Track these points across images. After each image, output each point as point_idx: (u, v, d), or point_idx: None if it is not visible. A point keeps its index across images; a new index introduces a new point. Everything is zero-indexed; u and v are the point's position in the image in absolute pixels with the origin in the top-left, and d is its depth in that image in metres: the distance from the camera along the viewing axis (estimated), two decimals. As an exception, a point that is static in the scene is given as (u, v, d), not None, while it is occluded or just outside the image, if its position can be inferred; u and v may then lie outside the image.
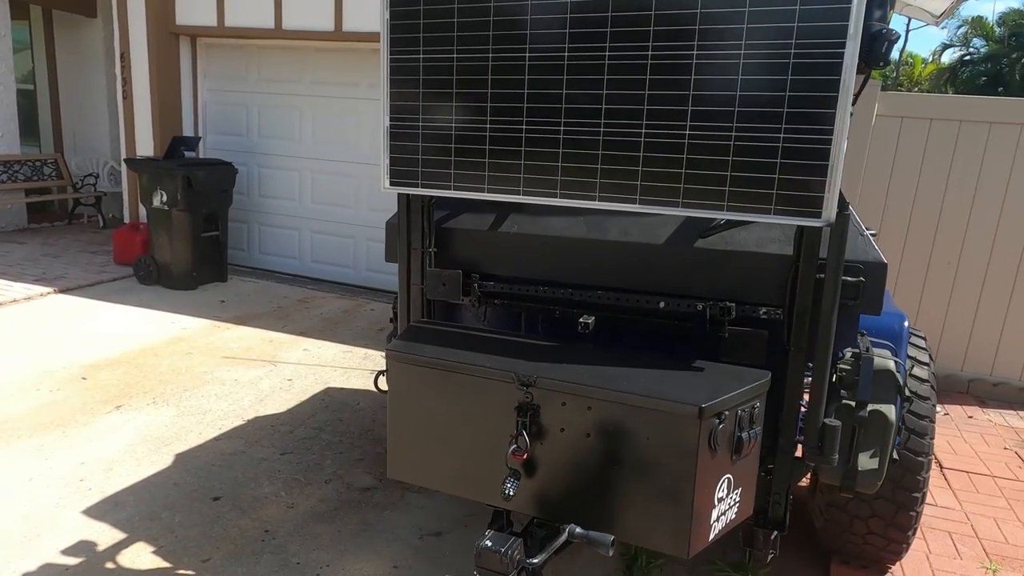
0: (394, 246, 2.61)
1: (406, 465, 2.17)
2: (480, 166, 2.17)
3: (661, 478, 1.79)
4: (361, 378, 5.17)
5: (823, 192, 1.79)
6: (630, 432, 1.80)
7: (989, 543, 3.42)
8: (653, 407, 1.78)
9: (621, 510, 1.84)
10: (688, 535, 1.76)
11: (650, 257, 2.23)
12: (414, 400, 2.11)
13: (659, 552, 3.18)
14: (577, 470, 1.88)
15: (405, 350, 2.13)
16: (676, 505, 1.77)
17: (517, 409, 1.89)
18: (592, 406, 1.84)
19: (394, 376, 2.14)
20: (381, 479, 3.78)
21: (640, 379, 1.88)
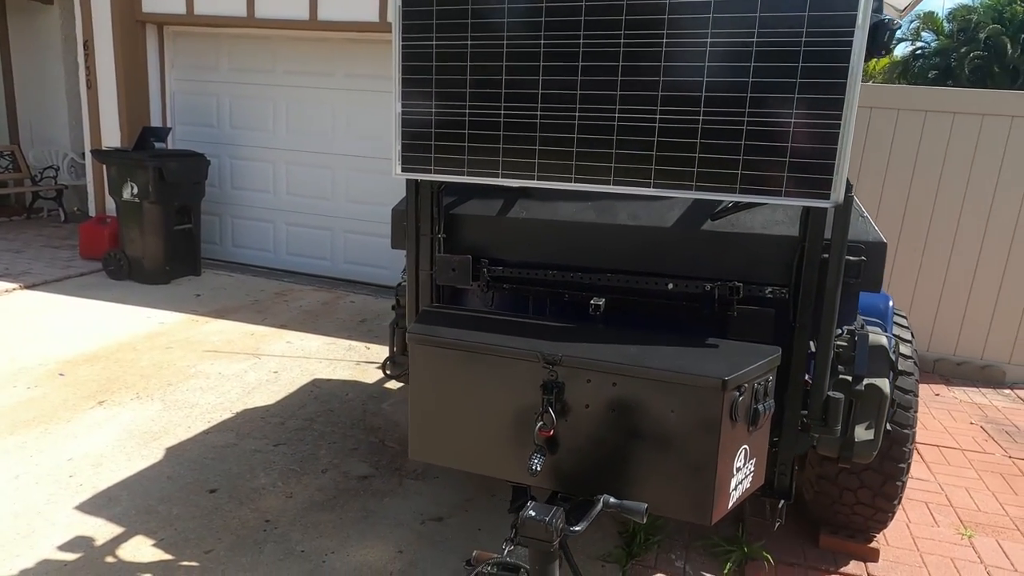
0: (401, 233, 2.63)
1: (429, 446, 2.20)
2: (494, 151, 2.20)
3: (685, 449, 1.86)
4: (347, 369, 5.16)
5: (832, 175, 1.88)
6: (654, 406, 1.87)
7: (963, 511, 3.61)
8: (678, 381, 1.85)
9: (644, 481, 1.91)
10: (711, 503, 1.85)
11: (659, 240, 2.30)
12: (437, 381, 2.14)
13: (657, 529, 3.28)
14: (601, 444, 1.94)
15: (427, 333, 2.16)
16: (699, 474, 1.85)
17: (542, 387, 1.95)
18: (617, 382, 1.90)
19: (417, 359, 2.17)
20: (378, 467, 3.80)
21: (661, 355, 1.95)
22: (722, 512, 1.90)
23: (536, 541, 1.63)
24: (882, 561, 3.12)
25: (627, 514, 1.66)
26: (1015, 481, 3.96)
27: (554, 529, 1.59)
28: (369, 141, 7.09)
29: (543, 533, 1.60)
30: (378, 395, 4.75)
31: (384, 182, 7.08)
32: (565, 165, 2.13)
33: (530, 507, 1.66)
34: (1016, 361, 5.57)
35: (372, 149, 7.09)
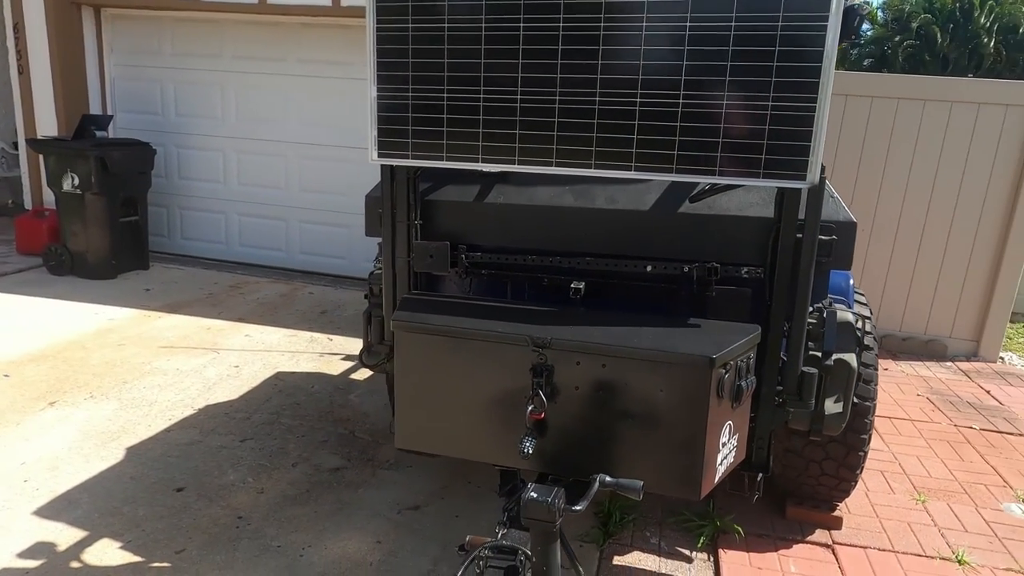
0: (376, 220, 2.59)
1: (416, 433, 2.19)
2: (473, 136, 2.19)
3: (674, 426, 1.91)
4: (311, 361, 5.07)
5: (808, 156, 1.94)
6: (643, 385, 1.91)
7: (916, 478, 3.80)
8: (667, 360, 1.89)
9: (634, 460, 1.95)
10: (700, 478, 1.90)
11: (637, 223, 2.33)
12: (424, 368, 2.12)
13: (631, 508, 3.34)
14: (591, 425, 1.97)
15: (413, 320, 2.13)
16: (689, 450, 1.90)
17: (532, 371, 1.96)
18: (607, 363, 1.92)
19: (403, 346, 2.15)
20: (349, 459, 3.76)
21: (648, 336, 1.98)
22: (710, 486, 1.96)
23: (539, 522, 1.64)
24: (845, 528, 3.26)
25: (623, 492, 1.69)
26: (961, 448, 4.18)
27: (556, 509, 1.61)
28: (324, 129, 6.93)
29: (546, 514, 1.62)
30: (344, 386, 4.68)
31: (341, 170, 6.95)
32: (546, 149, 2.14)
33: (531, 489, 1.67)
34: (956, 336, 5.87)
35: (327, 137, 6.93)
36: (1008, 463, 4.02)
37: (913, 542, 3.20)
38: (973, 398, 4.99)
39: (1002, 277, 5.63)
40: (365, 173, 6.79)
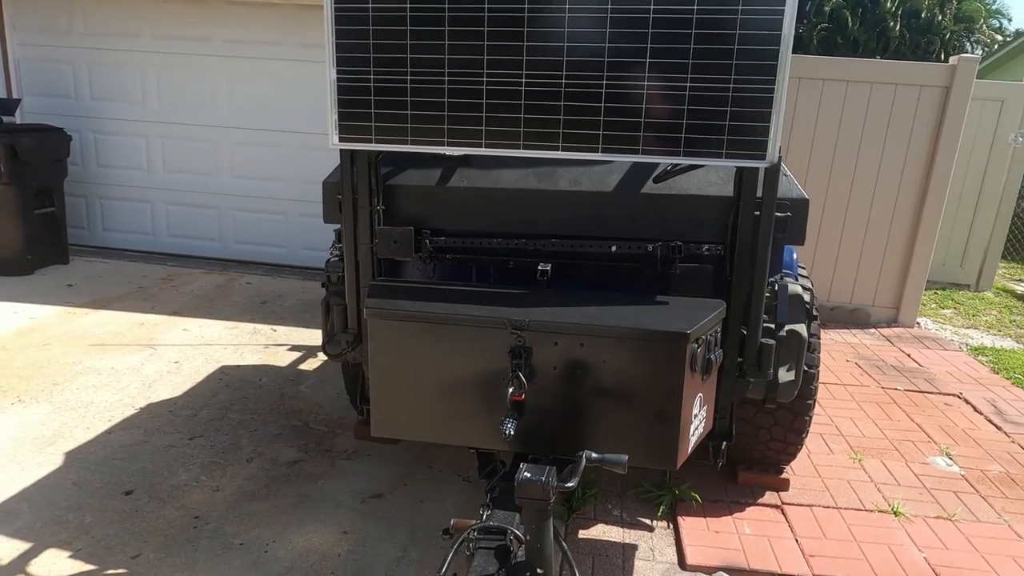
0: (334, 206, 2.53)
1: (392, 421, 2.17)
2: (439, 119, 2.16)
3: (651, 400, 1.97)
4: (255, 353, 4.92)
5: (767, 136, 2.02)
6: (621, 362, 1.95)
7: (851, 438, 4.05)
8: (644, 336, 1.94)
9: (613, 434, 2.00)
10: (676, 449, 1.97)
11: (601, 204, 2.37)
12: (400, 355, 2.10)
13: (592, 482, 3.43)
14: (570, 404, 2.00)
15: (387, 306, 2.10)
16: (665, 422, 1.96)
17: (511, 353, 1.97)
18: (584, 342, 1.96)
19: (377, 333, 2.11)
20: (306, 451, 3.69)
21: (622, 314, 2.02)
22: (684, 456, 2.03)
23: (534, 501, 1.67)
24: (792, 489, 3.45)
25: (609, 466, 1.73)
26: (889, 408, 4.48)
27: (551, 487, 1.64)
28: (256, 112, 6.67)
29: (540, 492, 1.64)
30: (294, 377, 4.57)
31: (275, 156, 6.72)
32: (513, 132, 2.14)
33: (524, 469, 1.69)
34: (878, 304, 6.25)
35: (260, 121, 6.68)
36: (931, 420, 4.33)
37: (853, 498, 3.42)
38: (896, 361, 5.34)
39: (918, 247, 6.01)
40: (302, 159, 6.67)
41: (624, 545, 3.05)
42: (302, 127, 6.50)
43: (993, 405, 4.58)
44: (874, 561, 2.94)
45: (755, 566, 2.89)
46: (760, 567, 2.89)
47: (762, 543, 3.05)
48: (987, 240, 7.73)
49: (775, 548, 3.01)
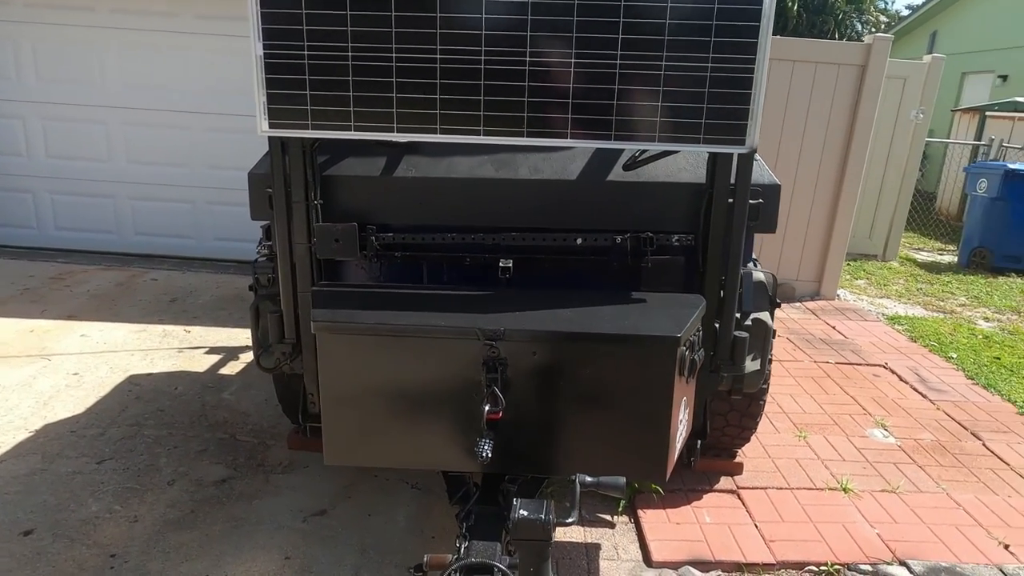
0: (263, 201, 2.23)
1: (349, 447, 1.92)
2: (387, 102, 1.91)
3: (638, 408, 1.82)
4: (168, 359, 4.48)
5: (747, 120, 1.89)
6: (606, 370, 1.79)
7: (793, 415, 4.11)
8: (631, 342, 1.78)
9: (597, 448, 1.85)
10: (666, 459, 1.83)
11: (565, 193, 2.18)
12: (355, 373, 1.85)
13: (548, 482, 3.29)
14: (551, 418, 1.83)
15: (339, 319, 1.85)
16: (654, 432, 1.82)
17: (485, 366, 1.77)
18: (564, 351, 1.78)
19: (329, 350, 1.85)
20: (235, 467, 3.36)
21: (602, 317, 1.86)
22: (672, 465, 1.91)
23: (533, 542, 1.49)
24: (745, 472, 3.44)
25: (606, 491, 1.58)
26: (824, 382, 4.59)
27: (551, 525, 1.46)
28: (153, 91, 6.06)
29: (541, 532, 1.47)
30: (215, 384, 4.19)
31: (177, 138, 6.14)
32: (472, 116, 1.91)
33: (520, 506, 1.51)
34: (802, 278, 6.44)
35: (158, 100, 6.07)
36: (863, 392, 4.47)
37: (804, 477, 3.45)
38: (823, 334, 5.50)
39: (838, 222, 6.21)
40: (208, 142, 6.11)
41: (587, 545, 2.94)
42: (207, 107, 5.95)
43: (916, 374, 4.78)
44: (831, 542, 2.96)
45: (720, 557, 2.85)
46: (725, 558, 2.85)
47: (723, 531, 3.01)
48: (892, 212, 8.14)
49: (736, 536, 2.98)
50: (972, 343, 5.50)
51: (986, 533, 3.06)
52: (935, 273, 8.01)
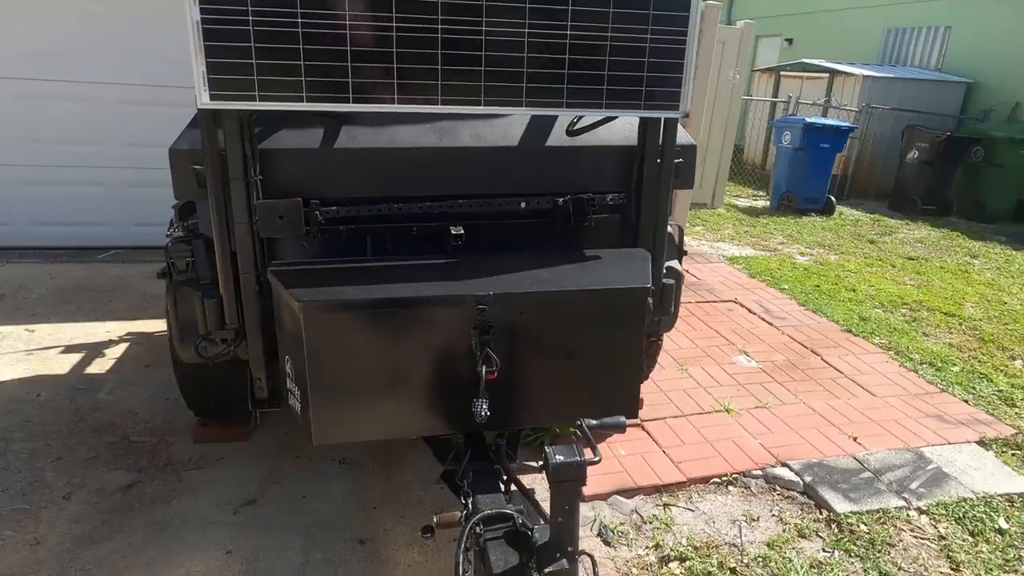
0: (188, 179, 2.07)
1: (339, 424, 1.88)
2: (342, 71, 1.85)
3: (614, 355, 1.98)
4: (16, 364, 3.94)
5: (680, 87, 2.08)
6: (586, 323, 1.93)
7: (673, 351, 4.57)
8: (609, 295, 1.92)
9: (579, 394, 1.99)
10: (639, 395, 2.02)
11: (508, 159, 2.26)
12: (344, 350, 1.81)
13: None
14: (540, 372, 1.93)
15: (323, 297, 1.78)
16: (630, 373, 2.00)
17: (478, 330, 1.82)
18: (550, 308, 1.88)
19: (317, 329, 1.78)
20: (139, 470, 3.10)
21: (577, 275, 1.98)
22: (641, 405, 2.11)
23: (570, 483, 1.59)
24: (645, 406, 3.80)
25: (607, 429, 1.73)
26: (690, 320, 5.13)
27: (585, 465, 1.58)
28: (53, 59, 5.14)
29: (577, 472, 1.58)
30: (85, 386, 3.78)
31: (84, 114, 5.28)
32: (430, 86, 1.92)
33: (554, 452, 1.60)
34: (654, 228, 7.01)
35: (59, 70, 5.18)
36: (723, 325, 5.06)
37: (693, 404, 3.89)
38: (680, 278, 6.09)
39: (682, 175, 6.83)
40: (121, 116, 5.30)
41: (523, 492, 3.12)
42: (120, 77, 5.20)
43: (761, 305, 5.49)
44: (726, 455, 3.40)
45: (641, 483, 3.17)
46: (645, 483, 3.17)
47: (638, 460, 3.34)
48: (718, 164, 9.05)
49: (650, 463, 3.32)
50: (796, 275, 6.40)
51: (839, 431, 3.68)
52: (754, 217, 9.09)
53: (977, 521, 3.03)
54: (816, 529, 2.95)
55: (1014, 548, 2.89)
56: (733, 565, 2.72)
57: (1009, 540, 2.93)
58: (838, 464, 3.38)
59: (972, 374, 4.48)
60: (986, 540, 2.92)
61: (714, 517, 3.02)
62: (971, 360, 4.72)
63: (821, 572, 2.70)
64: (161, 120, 4.86)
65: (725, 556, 2.76)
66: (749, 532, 2.93)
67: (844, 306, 5.58)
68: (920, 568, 2.76)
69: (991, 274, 6.94)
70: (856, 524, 2.97)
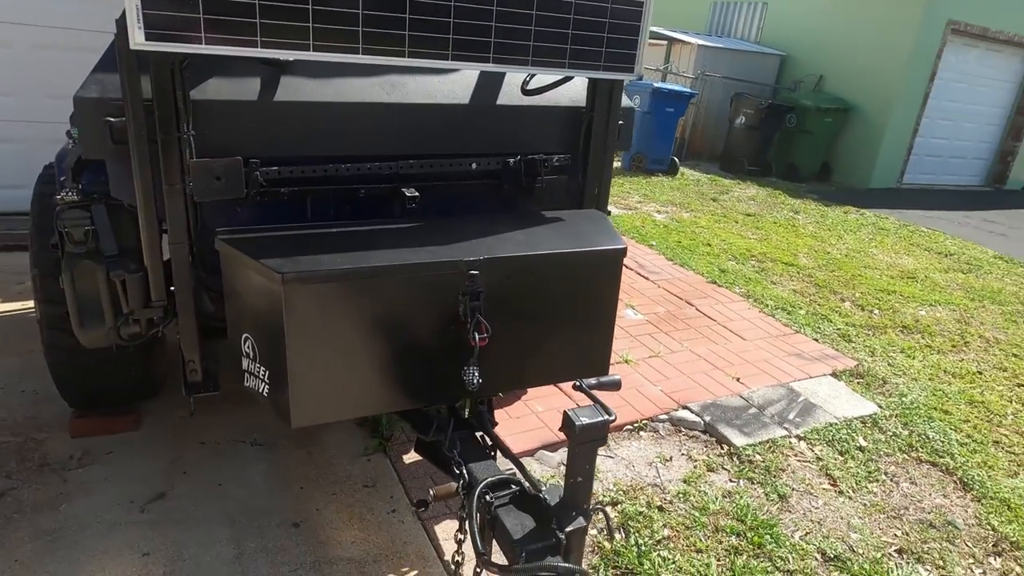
0: (100, 134, 1.76)
1: (321, 404, 1.71)
2: (303, 14, 1.66)
3: (592, 314, 2.00)
4: None
5: (635, 50, 2.12)
6: (567, 284, 1.92)
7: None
8: (590, 256, 1.92)
9: (559, 354, 1.99)
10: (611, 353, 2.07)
11: (460, 118, 2.17)
12: (327, 324, 1.64)
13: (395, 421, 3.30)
14: (526, 334, 1.90)
15: (303, 268, 1.59)
16: (604, 331, 2.03)
17: (470, 296, 1.74)
18: (536, 271, 1.84)
19: (300, 304, 1.59)
20: (12, 475, 2.68)
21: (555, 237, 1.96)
22: (608, 361, 2.17)
23: (594, 442, 1.59)
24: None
25: (604, 388, 1.75)
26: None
27: (608, 424, 1.59)
28: None
29: (601, 432, 1.58)
30: (-90, 382, 3.14)
31: None
32: (397, 36, 1.78)
33: (577, 414, 1.59)
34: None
35: None
36: (605, 281, 5.31)
37: (595, 358, 4.08)
38: (557, 237, 6.27)
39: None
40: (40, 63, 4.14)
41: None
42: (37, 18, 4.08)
43: (636, 261, 5.83)
44: (634, 404, 3.62)
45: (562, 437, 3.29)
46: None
47: (555, 415, 3.45)
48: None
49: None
50: (658, 232, 6.85)
51: (723, 373, 4.06)
52: (610, 177, 9.54)
53: (843, 442, 3.51)
54: (721, 463, 3.26)
55: (874, 461, 3.40)
56: (660, 503, 2.93)
57: (869, 455, 3.44)
58: (729, 403, 3.74)
59: (815, 316, 5.13)
60: (852, 457, 3.41)
61: (633, 461, 3.23)
62: (812, 304, 5.39)
63: (733, 500, 2.99)
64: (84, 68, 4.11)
65: (651, 496, 2.97)
66: (666, 472, 3.16)
67: (704, 259, 6.09)
68: (807, 487, 3.16)
69: (813, 228, 7.92)
70: (752, 455, 3.32)
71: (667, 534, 2.76)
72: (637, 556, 2.61)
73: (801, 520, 2.93)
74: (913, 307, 5.62)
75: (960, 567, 2.77)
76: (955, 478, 3.33)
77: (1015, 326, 5.49)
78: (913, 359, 4.60)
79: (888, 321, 5.21)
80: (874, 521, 2.98)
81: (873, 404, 3.91)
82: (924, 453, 3.50)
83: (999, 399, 4.19)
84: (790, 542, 2.78)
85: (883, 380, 4.20)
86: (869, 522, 2.96)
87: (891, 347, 4.73)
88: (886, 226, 8.55)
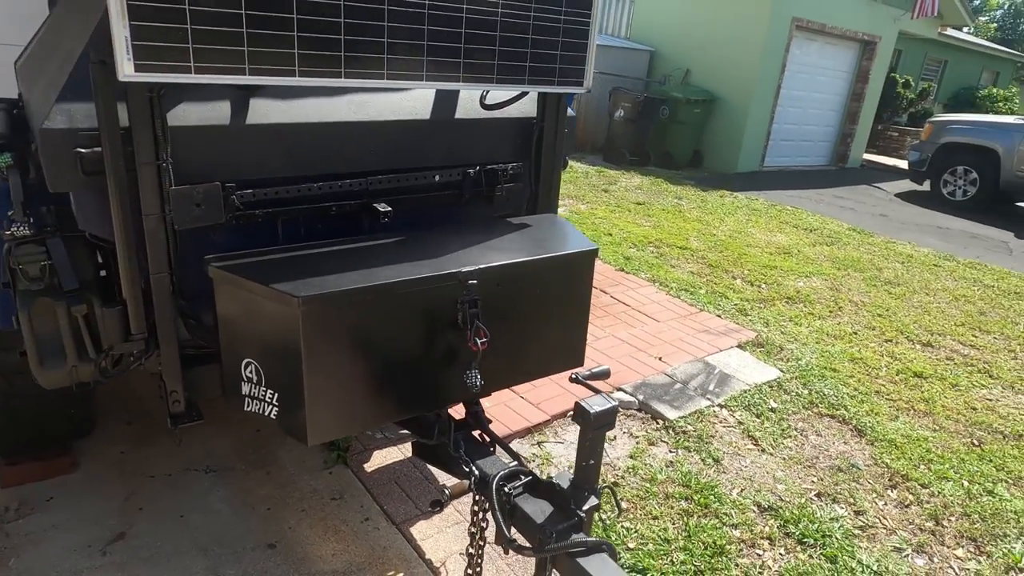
0: (70, 166, 1.69)
1: (335, 420, 1.72)
2: (287, 41, 1.69)
3: (570, 312, 2.15)
4: None
5: (584, 65, 2.30)
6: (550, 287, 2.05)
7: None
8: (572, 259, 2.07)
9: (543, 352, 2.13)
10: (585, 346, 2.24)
11: (423, 133, 2.24)
12: (339, 342, 1.65)
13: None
14: (515, 337, 2.01)
15: (316, 290, 1.60)
16: (580, 326, 2.19)
17: (468, 304, 1.82)
18: (522, 277, 1.95)
19: (316, 325, 1.59)
20: (-59, 535, 2.45)
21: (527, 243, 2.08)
22: (583, 356, 2.34)
23: (604, 428, 1.72)
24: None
25: (597, 379, 1.90)
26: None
27: (616, 410, 1.73)
28: None
29: (611, 418, 1.71)
30: None
31: None
32: (377, 60, 1.85)
33: (589, 403, 1.72)
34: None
35: None
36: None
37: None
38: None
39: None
40: None
41: (410, 459, 3.18)
42: None
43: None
44: (573, 390, 3.84)
45: (513, 428, 3.45)
46: (516, 427, 3.46)
47: (503, 408, 3.60)
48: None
49: (514, 408, 3.61)
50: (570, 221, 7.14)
51: (646, 354, 4.38)
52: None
53: (757, 406, 3.93)
54: (659, 436, 3.55)
55: (785, 420, 3.83)
56: (613, 480, 3.17)
57: (780, 415, 3.87)
58: (657, 381, 4.05)
59: (714, 294, 5.61)
60: (767, 418, 3.82)
61: (581, 444, 3.44)
62: (709, 283, 5.88)
63: (676, 468, 3.29)
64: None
65: (605, 473, 3.20)
66: (612, 450, 3.41)
67: (609, 248, 6.45)
68: (735, 449, 3.52)
69: (697, 212, 8.56)
70: (685, 426, 3.64)
71: (625, 506, 2.99)
72: (603, 529, 2.82)
73: (735, 479, 3.27)
74: (792, 279, 6.28)
75: (867, 502, 3.22)
76: (851, 427, 3.83)
77: (875, 290, 6.28)
78: (800, 326, 5.16)
79: (775, 294, 5.80)
80: (794, 472, 3.38)
81: (776, 370, 4.38)
82: (823, 408, 3.98)
83: (873, 354, 4.82)
84: (730, 499, 3.11)
85: (780, 347, 4.71)
86: (790, 473, 3.36)
87: (781, 317, 5.28)
88: (757, 207, 9.40)
